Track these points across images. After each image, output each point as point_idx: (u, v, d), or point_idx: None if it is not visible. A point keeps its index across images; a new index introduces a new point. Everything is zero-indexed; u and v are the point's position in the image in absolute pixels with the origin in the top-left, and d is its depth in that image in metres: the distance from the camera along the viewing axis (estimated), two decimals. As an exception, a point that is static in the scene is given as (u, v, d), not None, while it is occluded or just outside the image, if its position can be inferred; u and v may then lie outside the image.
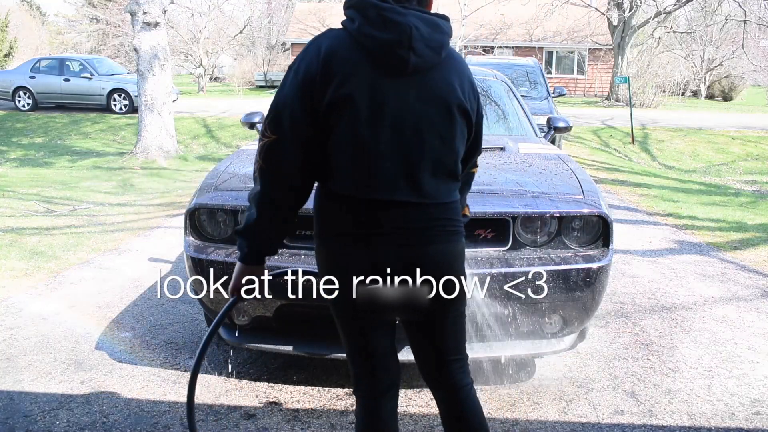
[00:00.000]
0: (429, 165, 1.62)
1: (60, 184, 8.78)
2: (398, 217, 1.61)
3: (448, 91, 1.62)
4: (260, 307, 2.76)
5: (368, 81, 1.56)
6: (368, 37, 1.56)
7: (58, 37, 42.62)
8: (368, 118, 1.57)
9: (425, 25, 1.56)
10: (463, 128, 1.69)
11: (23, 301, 4.10)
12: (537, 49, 27.12)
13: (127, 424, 2.66)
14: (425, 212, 1.64)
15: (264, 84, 32.32)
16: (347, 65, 1.56)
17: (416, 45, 1.54)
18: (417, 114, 1.59)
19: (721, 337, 3.64)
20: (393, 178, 1.60)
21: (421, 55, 1.56)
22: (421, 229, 1.63)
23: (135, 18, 10.55)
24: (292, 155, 1.62)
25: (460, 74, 1.67)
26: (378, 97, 1.57)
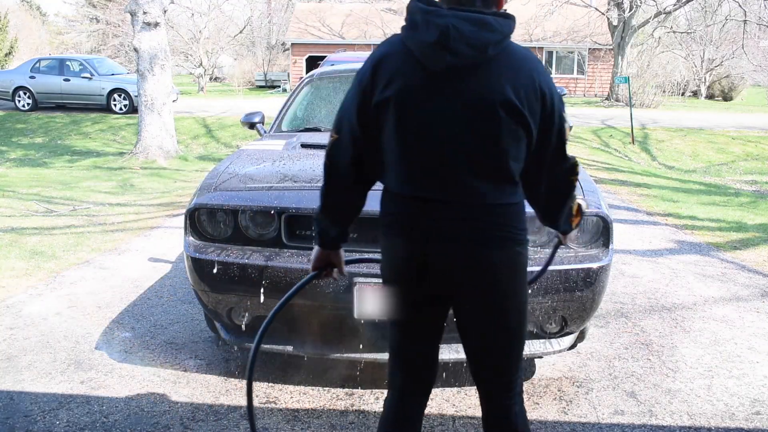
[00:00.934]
0: (467, 165, 1.63)
1: (60, 184, 8.78)
2: (434, 214, 1.65)
3: (493, 90, 1.59)
4: (260, 307, 2.76)
5: (411, 82, 1.62)
6: (412, 40, 1.62)
7: (58, 37, 42.62)
8: (409, 118, 1.64)
9: (470, 25, 1.56)
10: (514, 128, 1.61)
11: (23, 301, 4.10)
12: (537, 49, 27.09)
13: (127, 424, 2.66)
14: (460, 211, 1.64)
15: (264, 84, 32.31)
16: (394, 68, 1.64)
17: (453, 44, 1.56)
18: (456, 113, 1.61)
19: (721, 337, 3.64)
20: (430, 177, 1.65)
21: (458, 54, 1.56)
22: (455, 228, 1.64)
23: (135, 18, 10.55)
24: (349, 153, 1.73)
25: (516, 72, 1.60)
26: (419, 98, 1.63)
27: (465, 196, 1.64)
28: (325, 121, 4.25)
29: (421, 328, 1.81)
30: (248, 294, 2.73)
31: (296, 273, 2.63)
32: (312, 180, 2.91)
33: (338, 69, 4.87)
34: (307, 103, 4.50)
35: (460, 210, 1.64)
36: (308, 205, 2.70)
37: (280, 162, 3.21)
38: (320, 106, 4.50)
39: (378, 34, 25.69)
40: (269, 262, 2.67)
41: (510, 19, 1.62)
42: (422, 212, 1.66)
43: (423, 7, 1.60)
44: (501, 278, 1.67)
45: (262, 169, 3.14)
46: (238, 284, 2.71)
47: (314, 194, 2.74)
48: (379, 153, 1.72)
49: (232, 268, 2.69)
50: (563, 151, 1.72)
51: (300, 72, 28.53)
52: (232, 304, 2.79)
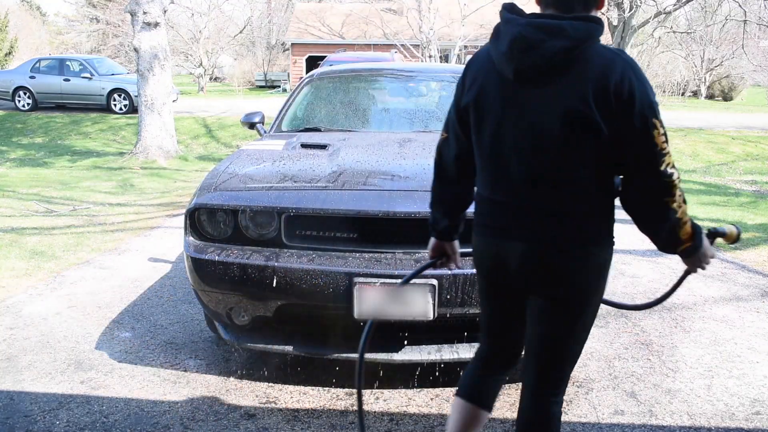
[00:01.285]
0: (534, 172, 1.67)
1: (60, 184, 8.78)
2: (505, 216, 1.74)
3: (561, 99, 1.60)
4: (260, 307, 2.76)
5: (487, 89, 1.72)
6: (493, 48, 1.70)
7: (58, 37, 42.62)
8: (484, 123, 1.73)
9: (539, 33, 1.59)
10: (581, 137, 1.60)
11: (23, 301, 4.10)
12: (537, 49, 27.05)
13: (127, 424, 2.66)
14: (527, 214, 1.70)
15: (264, 84, 32.32)
16: (478, 75, 1.75)
17: (519, 54, 1.61)
18: (527, 121, 1.65)
19: (721, 337, 3.64)
20: (502, 181, 1.73)
21: (524, 63, 1.61)
22: (523, 230, 1.71)
23: (135, 18, 10.55)
24: (453, 151, 1.88)
25: (589, 79, 1.58)
26: (493, 105, 1.70)
27: (531, 200, 1.69)
28: (325, 121, 4.25)
29: (500, 313, 1.93)
30: (248, 294, 2.74)
31: (296, 273, 2.63)
32: (312, 180, 2.91)
33: (338, 69, 4.88)
34: (307, 103, 4.50)
35: (526, 213, 1.70)
36: (308, 205, 2.70)
37: (280, 162, 3.21)
38: (320, 106, 4.50)
39: (378, 34, 25.67)
40: (269, 262, 2.67)
41: (591, 22, 1.60)
42: (495, 214, 1.76)
43: (505, 16, 1.67)
44: (564, 280, 1.71)
45: (262, 169, 3.14)
46: (238, 284, 2.71)
47: (314, 194, 2.76)
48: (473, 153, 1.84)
49: (232, 268, 2.69)
50: (652, 165, 1.62)
51: (300, 72, 28.53)
52: (232, 304, 2.79)
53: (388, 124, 4.23)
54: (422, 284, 2.56)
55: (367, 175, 2.94)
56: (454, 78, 4.71)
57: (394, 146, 3.45)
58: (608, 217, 1.72)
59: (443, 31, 23.75)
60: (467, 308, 2.64)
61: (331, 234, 2.79)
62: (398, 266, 2.60)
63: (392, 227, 2.71)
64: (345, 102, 4.47)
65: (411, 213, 2.62)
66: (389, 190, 2.77)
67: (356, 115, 4.31)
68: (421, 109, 4.44)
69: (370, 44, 25.93)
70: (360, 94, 4.60)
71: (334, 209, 2.67)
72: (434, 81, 4.76)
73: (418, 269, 2.08)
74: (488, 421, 2.69)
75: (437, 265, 2.07)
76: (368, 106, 4.51)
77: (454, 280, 2.58)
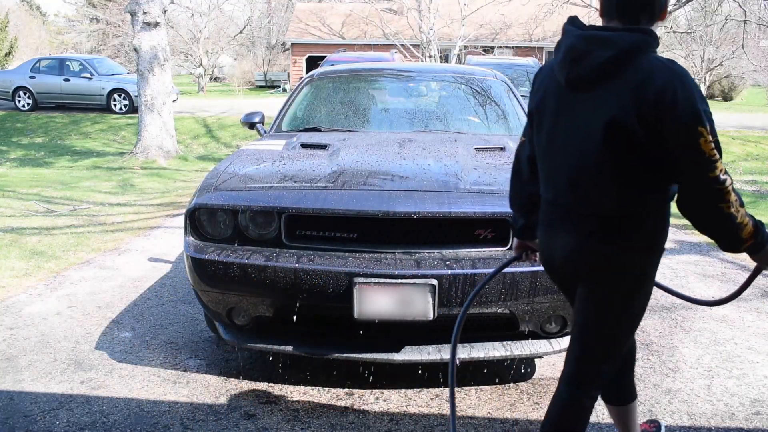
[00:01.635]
0: (580, 174, 1.77)
1: (60, 184, 8.78)
2: (556, 215, 1.87)
3: (607, 104, 1.68)
4: (260, 307, 2.76)
5: (548, 95, 1.85)
6: (554, 59, 1.84)
7: (58, 37, 42.63)
8: (542, 127, 1.87)
9: (588, 44, 1.71)
10: (624, 143, 1.67)
11: (23, 301, 4.10)
12: (537, 49, 27.09)
13: (127, 424, 2.66)
14: (575, 215, 1.81)
15: (264, 84, 32.33)
16: (542, 83, 1.90)
17: (570, 63, 1.74)
18: (575, 125, 1.77)
19: (721, 337, 3.64)
20: (553, 182, 1.86)
21: (576, 72, 1.73)
22: (570, 230, 1.82)
23: (135, 18, 10.55)
24: (527, 153, 2.03)
25: (635, 88, 1.64)
26: (550, 111, 1.84)
27: (574, 199, 1.80)
28: (325, 121, 4.25)
29: (572, 301, 2.00)
30: (248, 294, 2.74)
31: (296, 273, 2.63)
32: (312, 180, 2.91)
33: (338, 69, 4.88)
34: (307, 103, 4.50)
35: (569, 211, 1.81)
36: (308, 205, 2.70)
37: (280, 162, 3.21)
38: (320, 106, 4.50)
39: (378, 34, 25.66)
40: (269, 262, 2.67)
41: (639, 33, 1.68)
42: (546, 210, 1.91)
43: (565, 28, 1.80)
44: (599, 278, 1.79)
45: (262, 169, 3.14)
46: (238, 284, 2.71)
47: (314, 194, 2.76)
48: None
49: (232, 268, 2.69)
50: (701, 173, 1.65)
51: (300, 72, 28.52)
52: (232, 304, 2.79)
53: (388, 124, 4.23)
54: (422, 284, 2.56)
55: (367, 175, 2.94)
56: (454, 78, 4.71)
57: (394, 146, 3.45)
58: (652, 220, 1.76)
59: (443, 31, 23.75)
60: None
61: (331, 234, 2.79)
62: (398, 266, 2.60)
63: (392, 227, 2.71)
64: (345, 102, 4.47)
65: (411, 213, 2.62)
66: (389, 190, 2.77)
67: (356, 115, 4.31)
68: (421, 109, 4.44)
69: (370, 44, 25.92)
70: (360, 94, 4.60)
71: (334, 209, 2.67)
72: (434, 81, 4.76)
73: (501, 265, 2.25)
74: (488, 421, 2.70)
75: (523, 260, 2.21)
76: (368, 106, 4.51)
77: (454, 280, 2.58)
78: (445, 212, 2.64)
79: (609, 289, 1.80)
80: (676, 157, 1.65)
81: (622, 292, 1.80)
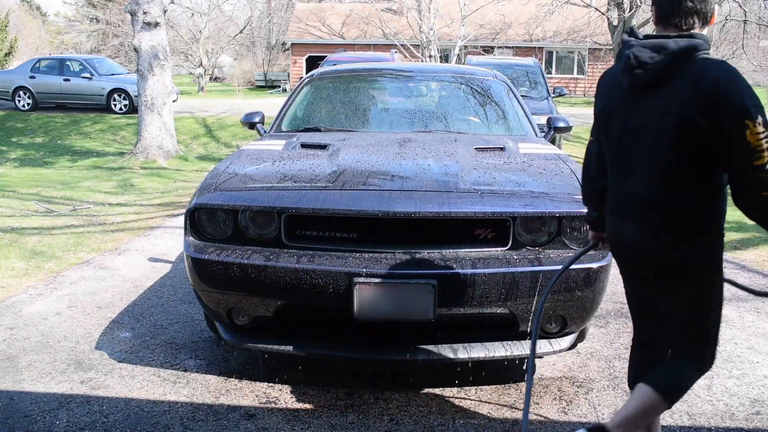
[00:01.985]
0: (643, 167, 1.97)
1: (60, 184, 8.79)
2: (622, 203, 2.07)
3: (668, 103, 1.89)
4: (260, 307, 2.76)
5: (613, 98, 2.07)
6: (616, 66, 2.08)
7: (58, 37, 42.63)
8: (608, 126, 2.09)
9: (649, 51, 1.92)
10: (684, 137, 1.86)
11: (23, 301, 4.10)
12: (537, 49, 27.11)
13: (127, 424, 2.66)
14: (638, 204, 2.01)
15: (264, 84, 32.32)
16: (606, 87, 2.13)
17: (631, 71, 1.96)
18: (639, 123, 1.98)
19: (721, 337, 3.63)
20: (620, 174, 2.07)
21: (636, 77, 1.95)
22: (634, 217, 2.02)
23: (135, 18, 10.55)
24: (595, 150, 2.25)
25: (691, 87, 1.84)
26: (615, 112, 2.06)
27: (641, 190, 1.99)
28: (325, 121, 4.25)
29: (634, 292, 2.22)
30: (248, 294, 2.74)
31: (296, 273, 2.63)
32: (312, 180, 2.91)
33: (338, 69, 4.87)
34: (307, 103, 4.50)
35: (637, 201, 2.01)
36: (308, 205, 2.70)
37: (280, 162, 3.21)
38: (320, 106, 4.50)
39: (378, 34, 25.66)
40: (269, 262, 2.67)
41: (693, 38, 1.89)
42: (615, 199, 2.10)
43: (624, 39, 2.04)
44: (671, 264, 1.98)
45: (262, 169, 3.14)
46: (238, 284, 2.71)
47: (314, 194, 2.76)
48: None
49: (232, 268, 2.69)
50: (747, 162, 1.80)
51: (300, 72, 28.53)
52: (232, 304, 2.79)
53: (388, 124, 4.23)
54: (422, 284, 2.56)
55: (367, 175, 2.94)
56: (454, 78, 4.71)
57: (394, 146, 3.45)
58: (712, 209, 1.94)
59: (443, 31, 23.75)
60: (467, 308, 2.64)
61: (331, 234, 2.79)
62: (398, 266, 2.60)
63: (392, 227, 2.71)
64: (345, 102, 4.47)
65: (411, 213, 2.62)
66: (389, 190, 2.76)
67: (356, 115, 4.31)
68: (421, 109, 4.44)
69: (370, 44, 25.93)
70: (360, 94, 4.60)
71: (334, 209, 2.67)
72: (434, 81, 4.76)
73: (578, 254, 2.44)
74: (488, 421, 2.70)
75: (598, 248, 2.41)
76: (368, 106, 4.51)
77: (454, 280, 2.58)
78: (445, 212, 2.64)
79: (683, 273, 1.98)
80: (726, 149, 1.82)
81: (695, 277, 1.98)
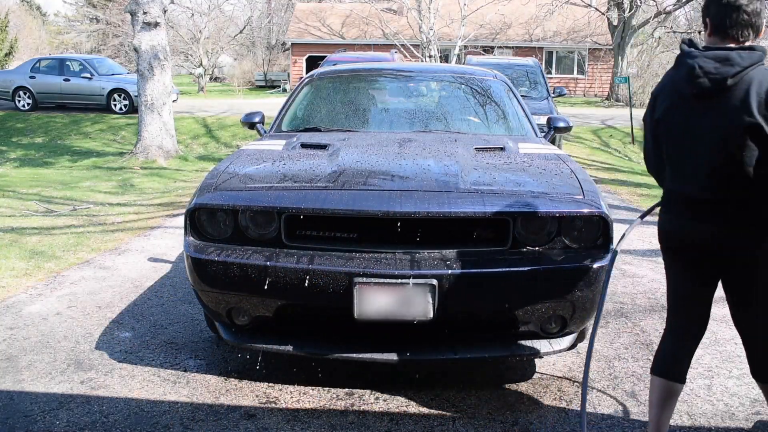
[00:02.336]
0: (706, 169, 2.14)
1: (60, 184, 8.79)
2: (685, 203, 2.23)
3: (729, 112, 2.08)
4: (260, 307, 2.76)
5: (674, 105, 2.22)
6: (675, 74, 2.23)
7: (58, 37, 42.63)
8: (670, 131, 2.24)
9: (713, 62, 2.10)
10: (747, 142, 2.05)
11: (23, 301, 4.10)
12: (537, 49, 27.10)
13: (127, 424, 2.66)
14: (701, 202, 2.17)
15: (264, 84, 32.32)
16: (665, 95, 2.27)
17: (695, 80, 2.12)
18: (700, 130, 2.15)
19: (721, 337, 3.64)
20: (683, 175, 2.23)
21: (700, 86, 2.11)
22: (697, 215, 2.19)
23: (135, 18, 10.55)
24: (649, 148, 2.43)
25: (753, 93, 2.04)
26: (676, 118, 2.22)
27: (706, 191, 2.15)
28: (326, 121, 4.25)
29: (685, 287, 2.34)
30: (248, 294, 2.73)
31: (296, 273, 2.63)
32: (312, 180, 2.91)
33: (338, 69, 4.88)
34: (307, 103, 4.50)
35: (704, 202, 2.16)
36: (308, 205, 2.70)
37: (280, 162, 3.21)
38: (320, 106, 4.50)
39: (378, 34, 25.66)
40: (269, 262, 2.67)
41: (755, 51, 2.08)
42: (679, 201, 2.25)
43: (683, 49, 2.21)
44: (742, 258, 2.16)
45: (262, 169, 3.14)
46: (238, 284, 2.71)
47: (314, 194, 2.76)
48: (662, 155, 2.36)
49: (232, 268, 2.69)
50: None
51: (300, 72, 28.53)
52: (232, 304, 2.79)
53: (388, 124, 4.23)
54: (422, 284, 2.56)
55: (367, 175, 2.94)
56: (454, 78, 4.71)
57: (394, 146, 3.45)
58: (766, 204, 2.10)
59: (443, 31, 23.75)
60: (467, 308, 2.64)
61: (331, 234, 2.79)
62: (398, 266, 2.60)
63: (392, 227, 2.71)
64: (345, 102, 4.47)
65: (411, 213, 2.62)
66: (389, 190, 2.76)
67: (356, 115, 4.31)
68: (421, 110, 4.44)
69: (370, 44, 25.92)
70: (360, 94, 4.60)
71: (334, 209, 2.67)
72: (434, 81, 4.76)
73: (646, 211, 2.63)
74: (488, 421, 2.70)
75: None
76: (368, 106, 4.51)
77: (454, 280, 2.58)
78: (445, 212, 2.64)
79: (754, 269, 2.15)
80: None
81: (761, 268, 2.15)
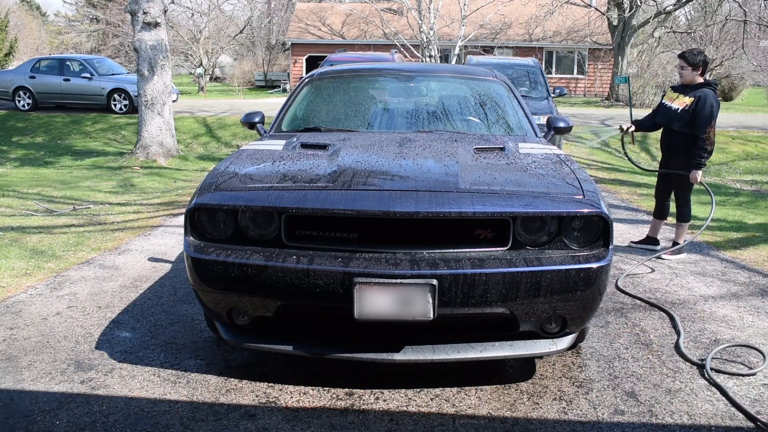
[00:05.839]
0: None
1: (60, 183, 8.78)
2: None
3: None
4: (260, 307, 2.76)
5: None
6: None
7: (58, 37, 42.62)
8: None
9: None
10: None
11: (23, 301, 4.10)
12: (537, 49, 27.10)
13: (127, 424, 2.66)
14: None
15: (264, 84, 32.32)
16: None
17: None
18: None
19: (721, 337, 3.64)
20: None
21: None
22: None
23: (135, 18, 10.55)
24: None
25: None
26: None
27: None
28: (326, 121, 4.25)
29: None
30: (248, 294, 2.74)
31: (296, 273, 2.62)
32: (312, 180, 2.91)
33: (338, 69, 4.87)
34: (307, 103, 4.50)
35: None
36: (308, 205, 2.70)
37: (281, 162, 3.21)
38: (320, 106, 4.50)
39: (378, 34, 25.66)
40: (269, 262, 2.67)
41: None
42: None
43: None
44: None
45: (262, 169, 3.14)
46: (238, 284, 2.71)
47: (314, 194, 2.76)
48: None
49: (232, 268, 2.69)
50: None
51: (300, 72, 28.53)
52: (232, 304, 2.79)
53: (389, 124, 4.23)
54: (422, 284, 2.56)
55: (367, 175, 2.94)
56: (454, 78, 4.72)
57: (394, 146, 3.45)
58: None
59: (443, 31, 23.76)
60: (467, 308, 2.64)
61: (332, 234, 2.79)
62: (398, 266, 2.60)
63: (392, 227, 2.71)
64: (345, 102, 4.47)
65: (411, 213, 2.62)
66: (389, 190, 2.76)
67: (356, 115, 4.31)
68: (421, 109, 4.44)
69: (370, 44, 25.93)
70: (360, 94, 4.60)
71: (334, 209, 2.67)
72: (434, 81, 4.76)
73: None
74: (488, 421, 2.70)
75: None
76: (368, 106, 4.51)
77: (454, 280, 2.58)
78: (445, 212, 2.64)
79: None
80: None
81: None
